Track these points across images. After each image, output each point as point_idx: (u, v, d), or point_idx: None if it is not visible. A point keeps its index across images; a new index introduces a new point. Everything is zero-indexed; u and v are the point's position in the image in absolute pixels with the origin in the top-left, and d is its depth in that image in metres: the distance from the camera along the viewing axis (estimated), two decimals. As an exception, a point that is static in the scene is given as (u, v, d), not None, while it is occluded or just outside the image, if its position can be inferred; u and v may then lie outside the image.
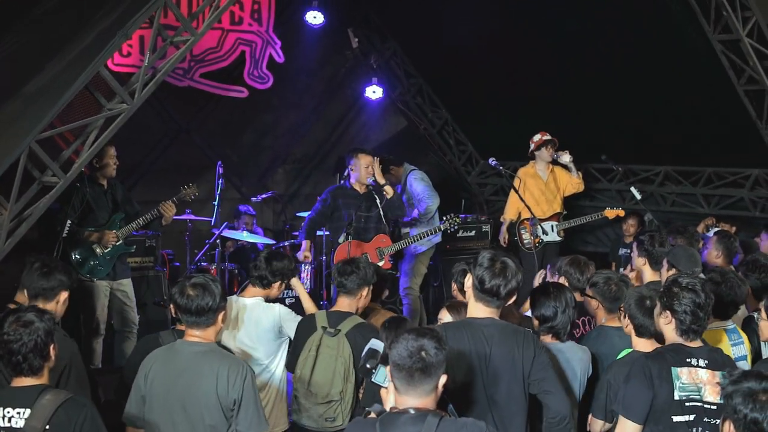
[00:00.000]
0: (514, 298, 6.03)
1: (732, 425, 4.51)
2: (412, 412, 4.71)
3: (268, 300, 8.07)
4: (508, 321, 6.26)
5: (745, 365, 6.92)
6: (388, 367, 4.87)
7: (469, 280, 6.03)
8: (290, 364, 7.59)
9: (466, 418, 4.98)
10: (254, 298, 7.95)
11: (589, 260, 8.43)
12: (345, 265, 7.60)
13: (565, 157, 13.37)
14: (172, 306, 7.08)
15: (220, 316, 6.15)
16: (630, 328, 6.63)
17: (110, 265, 10.43)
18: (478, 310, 6.00)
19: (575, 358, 6.85)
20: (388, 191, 11.41)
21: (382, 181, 11.42)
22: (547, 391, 5.92)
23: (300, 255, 11.61)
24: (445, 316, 7.07)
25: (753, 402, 4.42)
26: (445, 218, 12.00)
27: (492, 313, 5.97)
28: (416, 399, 4.76)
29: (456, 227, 11.97)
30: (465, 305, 7.01)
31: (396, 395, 4.83)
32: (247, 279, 8.24)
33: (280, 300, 11.18)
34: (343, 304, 7.58)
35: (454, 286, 8.02)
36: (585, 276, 8.07)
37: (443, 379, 4.82)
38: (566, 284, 7.80)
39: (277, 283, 8.05)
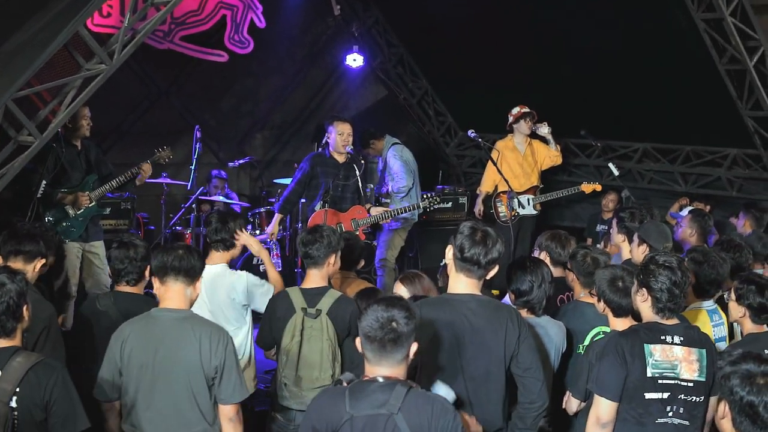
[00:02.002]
0: (495, 269, 5.93)
1: (727, 406, 4.52)
2: (381, 380, 4.76)
3: (232, 266, 8.05)
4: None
5: (724, 346, 6.93)
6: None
7: (449, 252, 5.96)
8: (267, 344, 7.47)
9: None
10: (218, 265, 7.84)
11: (570, 235, 8.44)
12: (308, 235, 7.39)
13: (544, 129, 13.40)
14: (109, 269, 7.13)
15: (199, 283, 6.15)
16: (607, 311, 6.62)
17: (82, 226, 10.39)
18: (459, 282, 5.91)
19: (550, 333, 6.85)
20: None
21: None
22: (533, 377, 5.86)
23: (267, 230, 11.61)
24: (399, 289, 7.06)
25: (750, 385, 4.42)
26: (425, 196, 11.98)
27: (473, 285, 5.88)
28: (387, 369, 4.80)
29: (435, 206, 11.95)
30: (419, 276, 7.00)
31: (367, 365, 4.87)
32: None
33: (255, 267, 11.17)
34: (314, 277, 7.37)
35: None
36: (566, 250, 8.07)
37: (414, 347, 4.85)
38: (547, 259, 7.82)
39: (239, 245, 8.02)
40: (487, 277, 5.96)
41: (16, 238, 7.00)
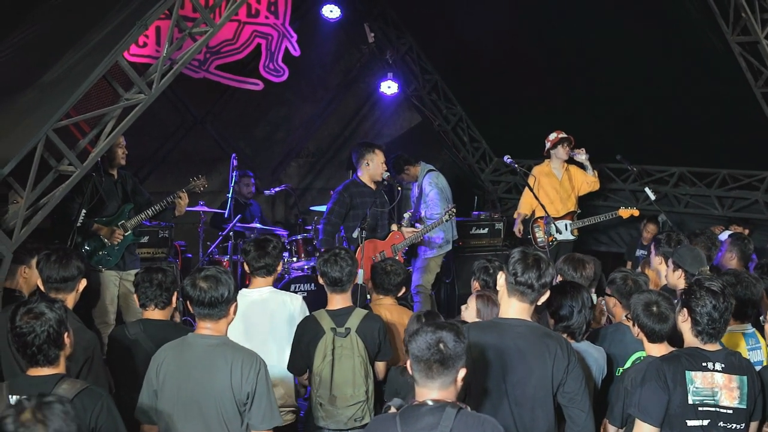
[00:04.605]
0: (547, 293, 5.94)
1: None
2: (430, 403, 4.76)
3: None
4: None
5: (761, 371, 6.90)
6: None
7: (501, 278, 5.95)
8: (300, 369, 7.49)
9: (488, 416, 4.96)
10: (266, 288, 7.94)
11: (587, 258, 8.42)
12: (332, 263, 7.43)
13: (581, 156, 13.38)
14: (135, 296, 7.14)
15: (232, 308, 6.13)
16: (641, 336, 6.59)
17: (119, 255, 10.46)
18: (511, 306, 5.90)
19: (590, 359, 6.82)
20: None
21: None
22: (577, 408, 5.85)
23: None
24: (472, 303, 7.03)
25: None
26: (444, 210, 11.93)
27: (525, 309, 5.87)
28: (435, 391, 4.80)
29: (451, 218, 11.82)
30: (494, 302, 6.92)
31: (416, 388, 4.88)
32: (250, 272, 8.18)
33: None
34: (339, 299, 7.48)
35: (475, 284, 7.97)
36: (579, 272, 8.07)
37: (462, 372, 4.85)
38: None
39: (280, 264, 8.08)
40: (539, 303, 5.96)
41: (49, 269, 7.05)
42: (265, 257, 7.85)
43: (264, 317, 7.78)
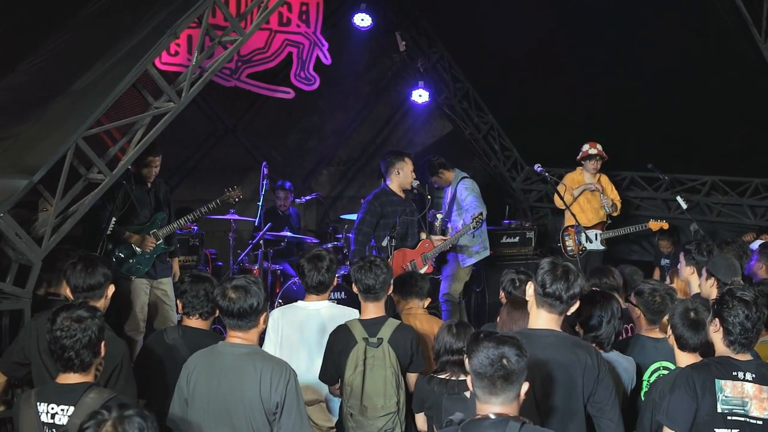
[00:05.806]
0: (577, 304, 5.92)
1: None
2: (493, 417, 4.72)
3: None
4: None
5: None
6: None
7: (530, 289, 5.94)
8: (331, 379, 7.37)
9: (551, 431, 4.95)
10: (323, 302, 7.79)
11: (612, 267, 8.45)
12: (367, 270, 7.34)
13: (607, 202, 13.41)
14: (178, 302, 7.12)
15: (262, 318, 6.11)
16: (672, 339, 6.54)
17: (150, 263, 10.48)
18: (539, 318, 5.89)
19: (619, 369, 6.77)
20: None
21: None
22: (606, 418, 5.84)
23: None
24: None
25: None
26: (471, 217, 11.87)
27: (554, 321, 5.86)
28: (498, 407, 4.76)
29: (480, 224, 11.79)
30: (524, 311, 6.86)
31: (477, 403, 4.84)
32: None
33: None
34: (373, 308, 7.39)
35: (502, 294, 7.93)
36: (610, 276, 8.07)
37: (525, 386, 4.82)
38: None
39: (335, 280, 7.96)
40: (568, 313, 5.93)
41: (75, 277, 7.05)
42: (318, 276, 7.69)
43: (324, 332, 7.60)
